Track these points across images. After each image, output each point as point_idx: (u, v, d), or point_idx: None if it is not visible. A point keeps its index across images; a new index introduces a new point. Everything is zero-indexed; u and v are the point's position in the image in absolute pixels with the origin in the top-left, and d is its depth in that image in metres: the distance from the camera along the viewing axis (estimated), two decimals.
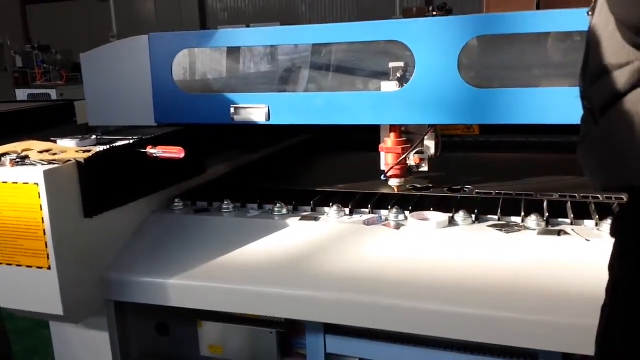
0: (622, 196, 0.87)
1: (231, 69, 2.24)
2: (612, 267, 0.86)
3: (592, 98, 0.85)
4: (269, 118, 1.81)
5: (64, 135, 1.68)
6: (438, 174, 2.00)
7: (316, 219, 1.65)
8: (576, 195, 1.66)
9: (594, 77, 0.85)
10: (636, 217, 0.81)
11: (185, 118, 1.93)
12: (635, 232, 0.80)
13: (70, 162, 1.45)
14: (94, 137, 1.66)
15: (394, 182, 1.85)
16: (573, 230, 1.45)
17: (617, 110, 0.79)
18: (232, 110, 1.85)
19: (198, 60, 2.15)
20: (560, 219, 1.51)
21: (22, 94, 7.47)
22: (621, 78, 0.79)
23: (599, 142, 0.83)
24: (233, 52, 2.23)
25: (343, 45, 1.94)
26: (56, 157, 1.47)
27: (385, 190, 1.84)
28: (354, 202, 1.71)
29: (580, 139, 0.90)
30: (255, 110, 1.82)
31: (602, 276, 0.92)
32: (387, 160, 1.85)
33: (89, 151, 1.51)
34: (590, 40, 0.87)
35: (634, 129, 0.75)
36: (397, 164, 1.82)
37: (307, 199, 1.76)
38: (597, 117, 0.84)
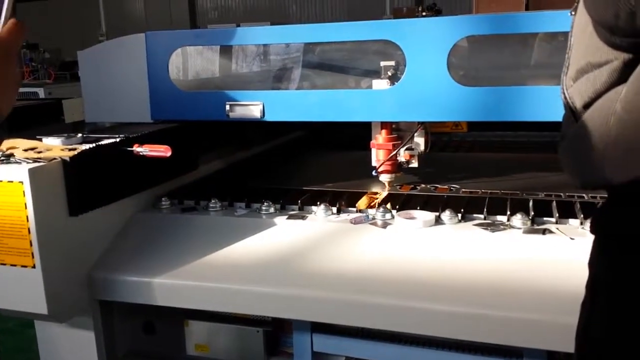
0: (605, 195, 0.89)
1: (225, 67, 2.25)
2: (592, 264, 0.87)
3: (573, 97, 0.86)
4: (263, 115, 1.84)
5: (50, 133, 1.67)
6: (426, 173, 2.01)
7: (303, 217, 1.66)
8: (561, 194, 1.68)
9: (574, 76, 0.85)
10: (615, 214, 0.82)
11: (181, 115, 1.96)
12: (613, 229, 0.81)
13: (56, 160, 1.44)
14: (79, 135, 1.65)
15: (384, 178, 1.88)
16: (558, 229, 1.46)
17: (596, 109, 0.80)
18: (228, 107, 1.88)
19: (191, 60, 2.16)
20: (545, 218, 1.52)
21: None
22: (600, 77, 0.80)
23: (578, 140, 0.84)
24: (226, 51, 2.24)
25: (336, 45, 1.97)
26: (41, 155, 1.46)
27: (375, 189, 1.86)
28: (341, 201, 1.71)
29: (561, 137, 0.90)
30: (250, 107, 1.85)
31: (586, 274, 0.93)
32: (378, 156, 1.89)
33: (74, 149, 1.51)
34: (572, 40, 0.88)
35: (612, 127, 0.75)
36: (387, 160, 1.86)
37: (295, 198, 1.76)
38: (578, 116, 0.85)
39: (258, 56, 2.24)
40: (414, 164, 1.90)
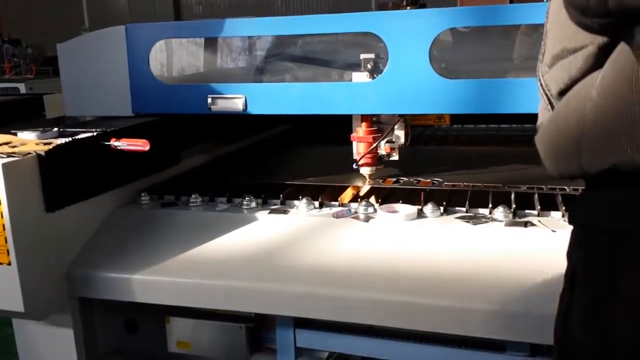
0: None
1: (206, 60, 2.23)
2: (569, 255, 0.86)
3: (549, 84, 0.85)
4: (245, 108, 1.82)
5: (27, 128, 1.64)
6: (409, 166, 2.01)
7: (285, 212, 1.64)
8: (543, 187, 1.68)
9: (550, 62, 0.84)
10: (591, 205, 0.81)
11: (162, 108, 1.93)
12: (589, 219, 0.80)
13: (31, 155, 1.40)
14: (55, 129, 1.62)
15: (365, 171, 1.89)
16: (540, 221, 1.46)
17: (572, 95, 0.79)
18: (209, 100, 1.86)
19: (175, 54, 2.14)
20: (527, 211, 1.52)
21: None
22: (575, 63, 0.79)
23: (553, 128, 0.83)
24: (209, 44, 2.22)
25: (317, 37, 1.96)
26: (15, 149, 1.43)
27: (357, 184, 1.85)
28: (323, 195, 1.70)
29: (538, 126, 0.90)
30: (232, 100, 1.84)
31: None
32: (358, 149, 1.89)
33: (50, 144, 1.47)
34: (547, 26, 0.87)
35: (588, 114, 0.74)
36: (368, 153, 1.85)
37: (276, 192, 1.74)
38: (554, 103, 0.84)
39: (240, 49, 2.22)
40: (395, 156, 1.90)
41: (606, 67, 0.74)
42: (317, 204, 1.66)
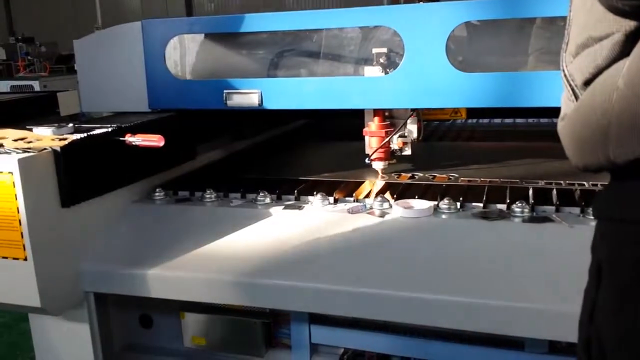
0: (607, 182, 0.87)
1: (222, 55, 2.23)
2: (594, 248, 0.84)
3: (573, 73, 0.83)
4: (261, 103, 1.82)
5: (42, 124, 1.64)
6: (425, 162, 1.99)
7: (300, 207, 1.63)
8: (561, 182, 1.66)
9: (574, 51, 0.83)
10: (618, 195, 0.79)
11: (179, 103, 1.94)
12: (617, 211, 0.78)
13: (46, 150, 1.41)
14: (70, 125, 1.62)
15: (377, 165, 1.87)
16: (558, 217, 1.44)
17: (598, 85, 0.78)
18: (225, 95, 1.85)
19: (188, 49, 2.13)
20: (545, 206, 1.50)
21: (4, 85, 7.35)
22: (601, 51, 0.77)
23: (579, 119, 0.81)
24: (222, 39, 2.21)
25: (332, 32, 1.95)
26: (31, 145, 1.43)
27: (371, 179, 1.83)
28: (338, 191, 1.69)
29: (561, 118, 0.88)
30: (247, 95, 1.83)
31: (586, 263, 0.91)
32: (370, 144, 1.87)
33: (65, 139, 1.48)
34: (571, 15, 0.86)
35: (615, 104, 0.73)
36: (380, 147, 1.84)
37: (291, 188, 1.74)
38: (578, 94, 0.82)
39: (255, 44, 2.22)
40: (407, 151, 1.89)
41: (633, 56, 0.72)
42: (331, 199, 1.65)
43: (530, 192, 1.58)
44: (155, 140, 1.54)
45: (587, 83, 0.80)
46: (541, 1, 1.52)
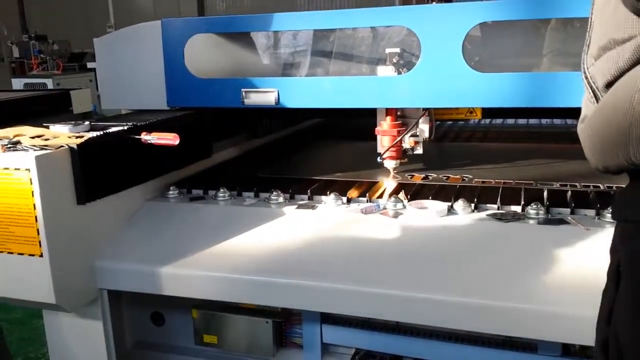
0: (622, 184, 0.85)
1: (239, 55, 2.25)
2: (613, 251, 0.84)
3: (595, 76, 0.83)
4: (278, 101, 1.84)
5: (59, 122, 1.66)
6: (438, 163, 1.99)
7: (313, 207, 1.63)
8: (577, 184, 1.65)
9: (596, 54, 0.82)
10: (637, 197, 0.78)
11: (197, 101, 1.96)
12: (636, 213, 0.78)
13: (63, 147, 1.42)
14: (87, 122, 1.64)
15: (389, 164, 1.88)
16: (573, 219, 1.43)
17: (619, 87, 0.77)
18: (243, 93, 1.87)
19: (206, 49, 2.15)
20: (560, 208, 1.49)
21: (18, 83, 7.41)
22: (624, 54, 0.76)
23: (600, 120, 0.81)
24: (239, 39, 2.23)
25: (346, 32, 1.95)
26: (48, 142, 1.45)
27: (384, 179, 1.83)
28: (351, 191, 1.69)
29: (581, 120, 0.87)
30: (265, 94, 1.86)
31: (602, 266, 0.90)
32: (382, 143, 1.88)
33: (82, 137, 1.49)
34: (593, 18, 0.85)
35: (635, 106, 0.72)
36: (392, 146, 1.85)
37: (304, 188, 1.74)
38: (599, 96, 0.82)
39: (272, 44, 2.23)
40: (419, 150, 1.90)
41: None
42: (345, 199, 1.65)
43: (545, 193, 1.57)
44: (170, 139, 1.54)
45: (609, 85, 0.80)
46: (557, 2, 1.52)
